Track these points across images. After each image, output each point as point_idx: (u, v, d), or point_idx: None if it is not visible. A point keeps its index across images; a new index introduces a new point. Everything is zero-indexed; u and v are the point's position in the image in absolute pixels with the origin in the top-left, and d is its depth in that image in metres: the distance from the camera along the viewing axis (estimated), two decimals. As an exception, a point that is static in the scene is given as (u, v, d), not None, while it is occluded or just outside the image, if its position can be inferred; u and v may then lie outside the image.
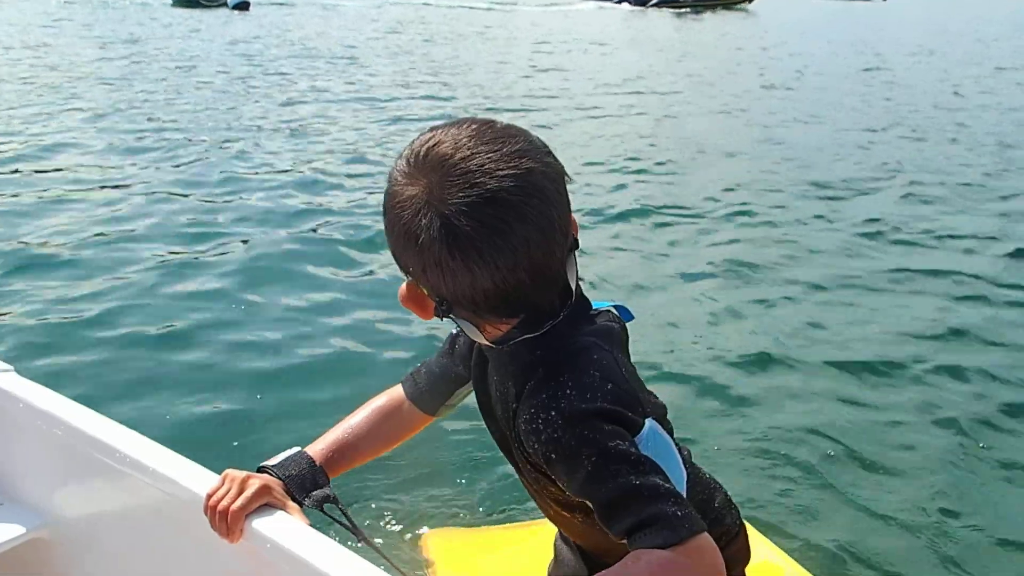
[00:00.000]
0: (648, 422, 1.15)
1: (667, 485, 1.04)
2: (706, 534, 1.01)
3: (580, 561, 1.41)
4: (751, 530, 2.01)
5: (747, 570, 1.47)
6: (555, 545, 1.53)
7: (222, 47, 16.98)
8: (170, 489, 1.32)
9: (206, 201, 6.41)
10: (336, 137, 8.98)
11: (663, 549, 0.99)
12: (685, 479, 1.26)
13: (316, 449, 1.39)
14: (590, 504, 1.07)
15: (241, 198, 6.51)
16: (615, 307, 1.29)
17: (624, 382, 1.14)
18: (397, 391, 1.48)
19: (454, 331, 1.39)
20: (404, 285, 1.16)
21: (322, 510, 1.31)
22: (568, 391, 1.09)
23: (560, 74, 14.48)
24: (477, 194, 1.03)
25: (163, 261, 5.07)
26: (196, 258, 5.16)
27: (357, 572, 1.10)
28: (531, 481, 1.26)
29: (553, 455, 1.08)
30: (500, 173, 1.03)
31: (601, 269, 5.17)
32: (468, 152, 1.04)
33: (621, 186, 7.32)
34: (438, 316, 1.14)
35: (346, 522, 1.32)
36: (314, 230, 5.82)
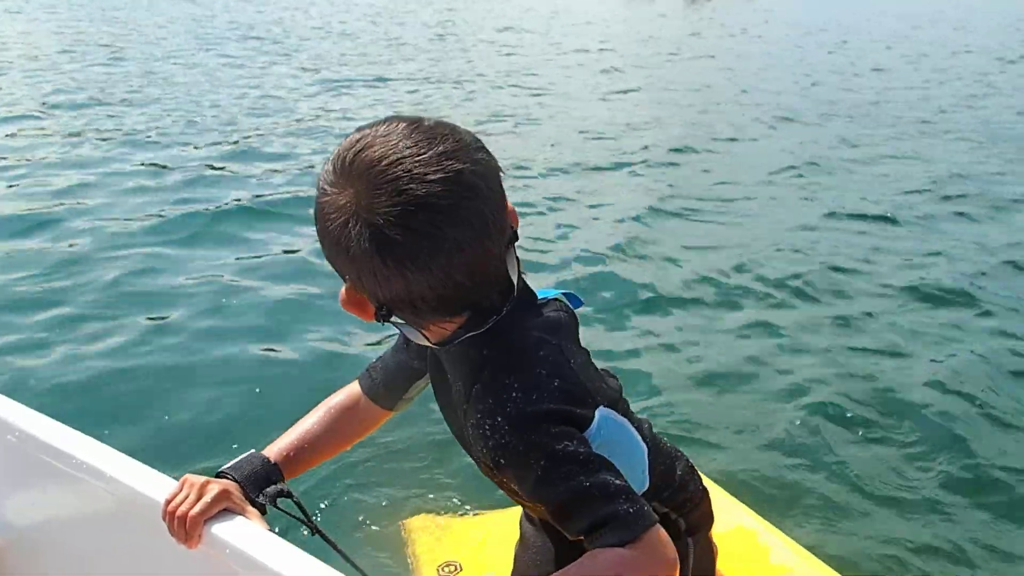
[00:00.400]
0: (599, 412, 1.16)
1: (617, 482, 1.06)
2: (658, 526, 1.04)
3: (544, 536, 1.43)
4: (726, 495, 2.06)
5: (722, 534, 1.52)
6: (520, 525, 1.54)
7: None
8: (127, 495, 1.30)
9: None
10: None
11: (620, 547, 1.01)
12: (646, 453, 1.29)
13: (272, 450, 1.39)
14: (542, 507, 1.08)
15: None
16: (564, 294, 1.29)
17: (572, 376, 1.14)
18: (353, 388, 1.47)
19: None
20: (343, 289, 1.15)
21: (276, 506, 1.31)
22: (514, 394, 1.09)
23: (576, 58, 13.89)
24: (405, 201, 1.01)
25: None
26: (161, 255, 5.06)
27: (313, 572, 1.10)
28: (490, 474, 1.26)
29: (502, 460, 1.09)
30: (428, 178, 1.01)
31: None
32: (395, 157, 1.02)
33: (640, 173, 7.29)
34: (378, 320, 1.13)
35: (302, 517, 1.32)
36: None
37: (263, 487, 1.31)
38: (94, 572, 1.48)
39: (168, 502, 1.22)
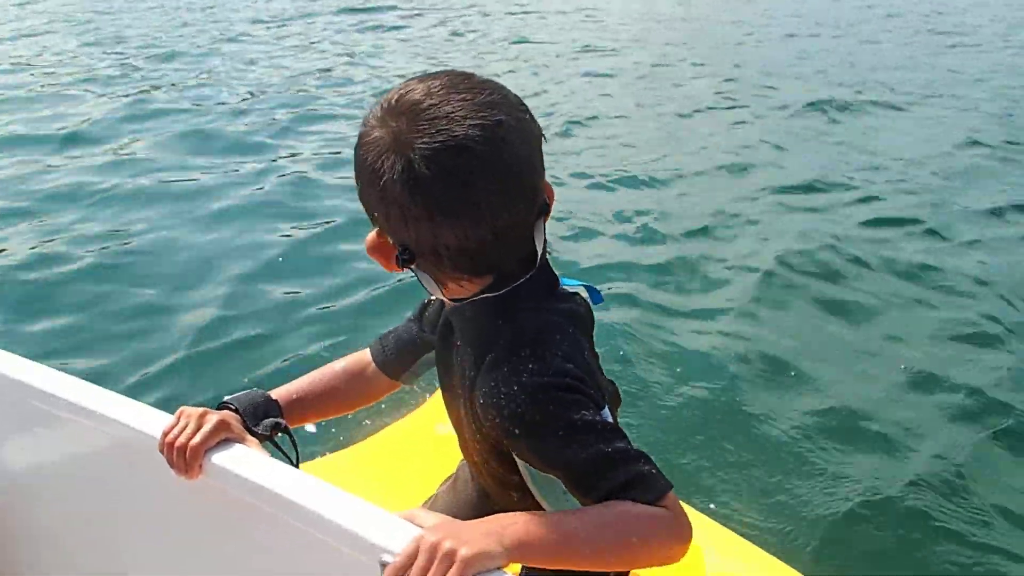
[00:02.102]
0: (604, 411, 1.12)
1: (635, 448, 1.06)
2: (672, 495, 1.04)
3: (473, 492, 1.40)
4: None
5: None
6: (458, 476, 1.52)
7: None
8: (122, 433, 1.27)
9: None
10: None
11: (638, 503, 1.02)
12: None
13: (276, 392, 1.38)
14: (558, 476, 1.06)
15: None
16: (585, 287, 1.27)
17: (585, 366, 1.13)
18: (363, 355, 1.47)
19: (425, 299, 1.39)
20: (371, 233, 1.14)
21: (272, 439, 1.29)
22: (531, 366, 1.07)
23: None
24: (442, 140, 1.01)
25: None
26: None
27: (322, 497, 1.07)
28: (475, 454, 1.24)
29: (517, 430, 1.07)
30: (469, 122, 1.02)
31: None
32: (438, 99, 1.04)
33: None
34: (399, 266, 1.11)
35: (292, 454, 1.31)
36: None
37: (261, 418, 1.29)
38: (94, 513, 1.45)
39: (166, 434, 1.19)
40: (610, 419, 1.10)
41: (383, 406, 2.53)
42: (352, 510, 1.04)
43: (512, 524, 0.98)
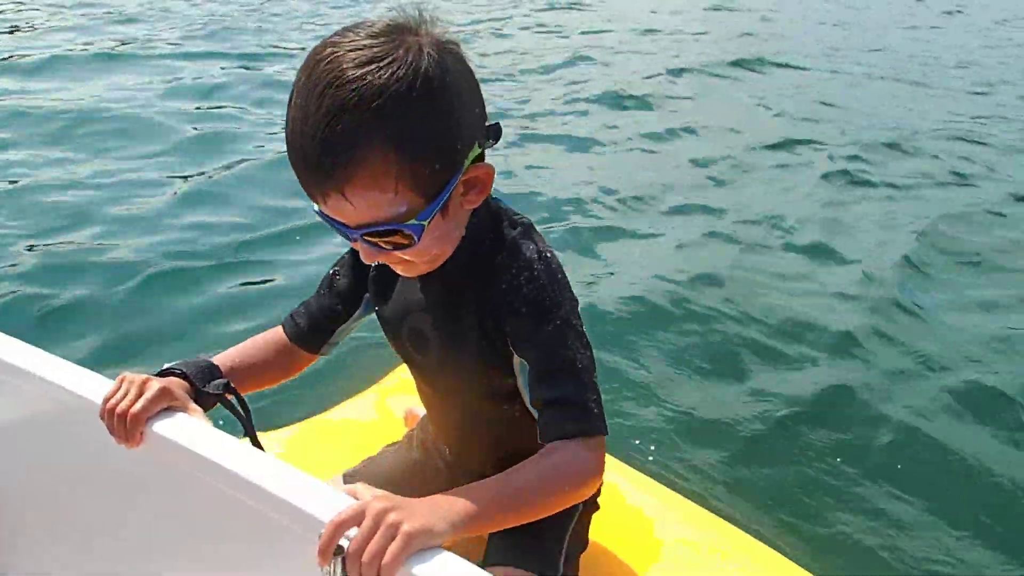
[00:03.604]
0: None
1: (595, 380, 1.18)
2: (604, 438, 1.17)
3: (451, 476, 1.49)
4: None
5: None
6: (411, 440, 1.63)
7: None
8: (61, 396, 1.24)
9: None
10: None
11: (570, 439, 1.14)
12: None
13: (214, 360, 1.37)
14: (528, 361, 1.19)
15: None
16: None
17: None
18: (278, 332, 1.46)
19: (331, 271, 1.44)
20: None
21: (222, 399, 1.29)
22: (548, 254, 1.22)
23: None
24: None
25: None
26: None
27: (262, 468, 1.06)
28: (465, 379, 1.32)
29: (524, 308, 1.18)
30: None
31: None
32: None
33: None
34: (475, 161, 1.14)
35: (242, 414, 1.31)
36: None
37: (209, 381, 1.29)
38: (31, 479, 1.43)
39: (107, 400, 1.17)
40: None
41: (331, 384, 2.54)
42: (293, 482, 1.03)
43: (456, 501, 1.01)
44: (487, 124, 1.17)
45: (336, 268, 1.45)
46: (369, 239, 1.12)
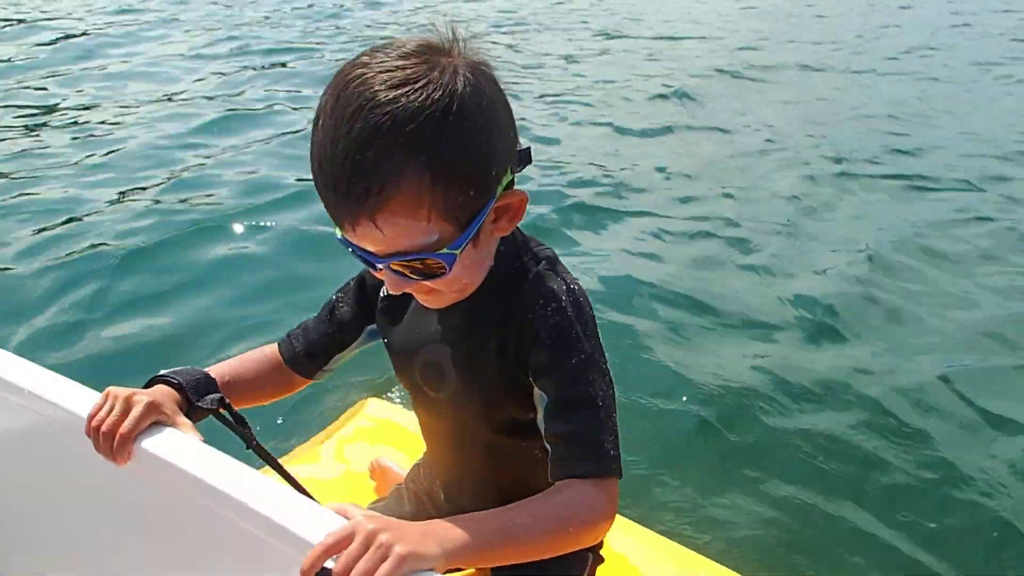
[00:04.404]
0: None
1: (615, 420, 1.13)
2: (617, 482, 1.11)
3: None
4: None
5: None
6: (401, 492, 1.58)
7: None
8: (45, 410, 1.22)
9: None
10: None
11: (583, 479, 1.09)
12: None
13: (209, 371, 1.33)
14: (547, 393, 1.15)
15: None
16: None
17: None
18: (273, 350, 1.43)
19: (334, 296, 1.41)
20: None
21: (218, 413, 1.25)
22: (573, 286, 1.18)
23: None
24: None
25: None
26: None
27: (254, 487, 1.04)
28: (481, 413, 1.27)
29: (549, 340, 1.14)
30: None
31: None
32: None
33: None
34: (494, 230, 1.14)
35: (238, 428, 1.26)
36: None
37: (204, 394, 1.25)
38: (14, 494, 1.40)
39: (92, 416, 1.14)
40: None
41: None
42: (282, 502, 1.01)
43: (452, 528, 0.98)
44: (519, 149, 1.13)
45: (339, 295, 1.41)
46: (397, 268, 1.08)
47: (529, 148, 1.14)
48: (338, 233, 1.08)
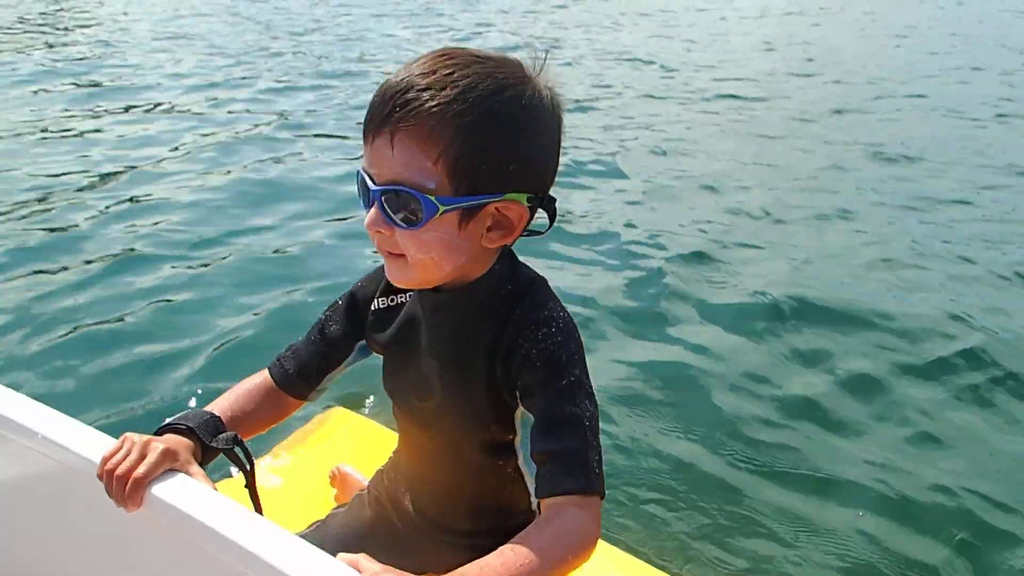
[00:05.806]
0: None
1: (599, 441, 1.16)
2: (600, 501, 1.14)
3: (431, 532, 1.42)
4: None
5: None
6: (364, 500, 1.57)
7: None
8: (59, 456, 1.21)
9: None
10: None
11: (566, 496, 1.11)
12: None
13: (211, 410, 1.33)
14: (534, 413, 1.17)
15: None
16: None
17: None
18: (264, 377, 1.44)
19: (323, 316, 1.43)
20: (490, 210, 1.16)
21: (231, 453, 1.26)
22: (563, 313, 1.22)
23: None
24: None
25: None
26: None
27: (264, 536, 1.03)
28: (465, 428, 1.27)
29: (539, 363, 1.18)
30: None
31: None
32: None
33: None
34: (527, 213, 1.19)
35: (248, 468, 1.28)
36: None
37: (215, 434, 1.26)
38: (21, 538, 1.39)
39: (106, 460, 1.14)
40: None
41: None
42: (293, 553, 1.00)
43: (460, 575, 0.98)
44: (548, 192, 1.21)
45: (329, 313, 1.44)
46: (384, 203, 1.12)
47: (555, 200, 1.21)
48: (361, 164, 1.16)
